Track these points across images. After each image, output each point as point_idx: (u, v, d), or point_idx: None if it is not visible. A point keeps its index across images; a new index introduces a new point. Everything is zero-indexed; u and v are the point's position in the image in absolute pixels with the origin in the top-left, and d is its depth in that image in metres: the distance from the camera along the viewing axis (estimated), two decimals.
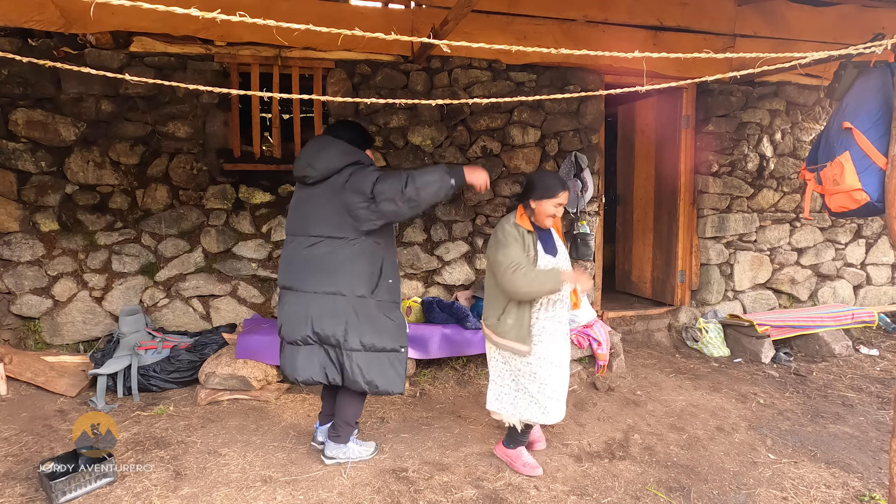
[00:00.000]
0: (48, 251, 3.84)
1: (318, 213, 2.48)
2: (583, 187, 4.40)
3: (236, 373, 3.39)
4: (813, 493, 2.49)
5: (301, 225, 2.53)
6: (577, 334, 3.91)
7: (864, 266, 5.52)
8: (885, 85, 2.15)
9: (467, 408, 3.39)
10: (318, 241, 2.46)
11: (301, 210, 2.54)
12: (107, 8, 1.43)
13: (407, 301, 4.05)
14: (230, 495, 2.39)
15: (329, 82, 4.12)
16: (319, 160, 2.46)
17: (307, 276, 2.46)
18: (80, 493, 2.35)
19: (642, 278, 5.53)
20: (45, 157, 3.76)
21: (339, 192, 2.42)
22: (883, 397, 3.63)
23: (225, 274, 4.11)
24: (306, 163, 2.48)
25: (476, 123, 4.37)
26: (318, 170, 2.45)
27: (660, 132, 5.19)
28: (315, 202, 2.49)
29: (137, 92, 3.83)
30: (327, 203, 2.45)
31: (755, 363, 4.34)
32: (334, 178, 2.44)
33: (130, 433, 2.95)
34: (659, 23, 4.40)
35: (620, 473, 2.64)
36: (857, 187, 2.17)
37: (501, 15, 4.07)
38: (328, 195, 2.45)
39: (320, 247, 2.45)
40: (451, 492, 2.45)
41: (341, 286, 2.43)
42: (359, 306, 2.45)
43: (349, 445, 2.67)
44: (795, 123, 5.09)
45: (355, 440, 2.73)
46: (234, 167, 4.04)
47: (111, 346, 3.59)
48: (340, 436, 2.63)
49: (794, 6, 4.53)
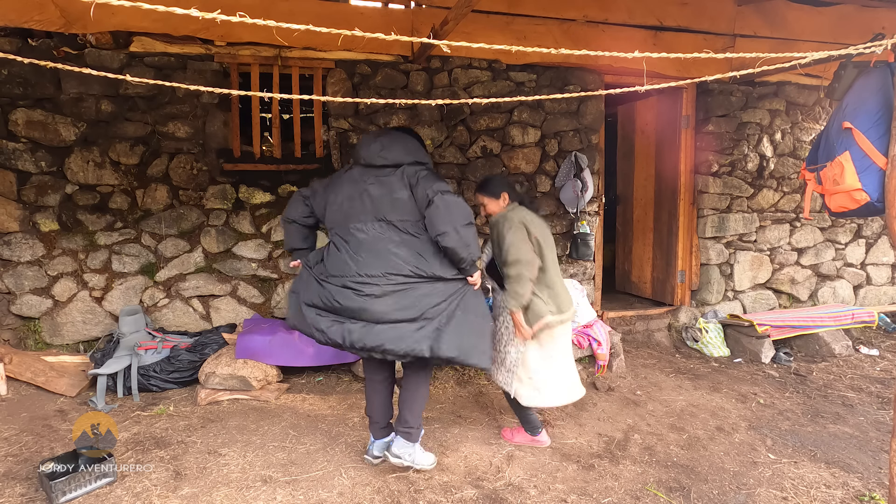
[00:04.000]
0: (48, 251, 3.84)
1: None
2: (583, 187, 4.39)
3: (236, 373, 3.39)
4: (813, 493, 2.49)
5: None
6: (577, 334, 3.91)
7: (864, 266, 5.52)
8: (885, 85, 2.15)
9: (467, 408, 3.39)
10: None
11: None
12: (107, 8, 1.43)
13: None
14: (230, 495, 2.39)
15: (329, 82, 4.12)
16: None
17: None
18: (80, 493, 2.35)
19: (642, 278, 5.53)
20: (45, 157, 3.76)
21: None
22: (883, 397, 3.63)
23: (225, 274, 4.11)
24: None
25: (476, 123, 4.37)
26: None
27: (660, 132, 5.20)
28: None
29: (137, 92, 3.83)
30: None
31: (755, 363, 4.34)
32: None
33: (130, 433, 2.95)
34: (659, 23, 4.40)
35: (620, 473, 2.64)
36: (857, 187, 2.17)
37: (501, 15, 4.07)
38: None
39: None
40: (451, 492, 2.45)
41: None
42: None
43: (416, 447, 2.57)
44: (795, 123, 5.09)
45: (420, 446, 2.62)
46: (234, 167, 4.04)
47: (111, 346, 3.60)
48: (412, 432, 2.54)
49: (794, 6, 4.53)
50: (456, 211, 2.36)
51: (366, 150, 2.52)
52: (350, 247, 2.45)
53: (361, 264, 2.40)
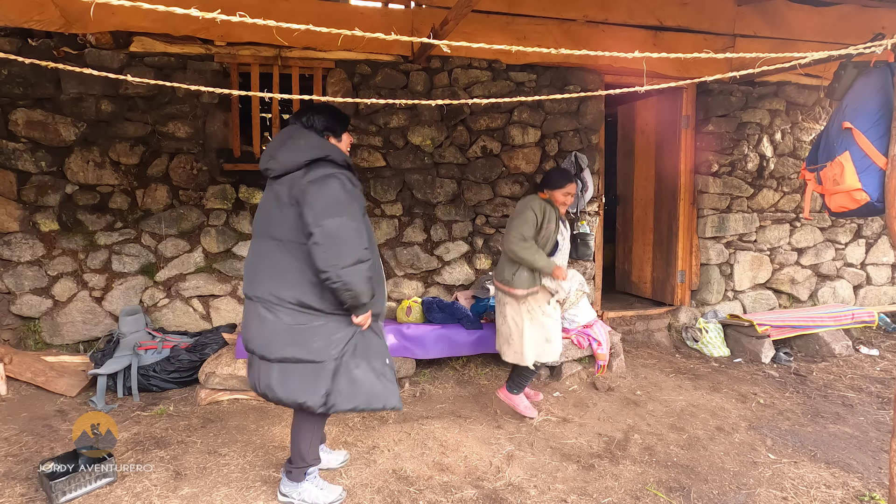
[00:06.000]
0: (48, 251, 3.84)
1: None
2: (583, 187, 4.39)
3: (236, 373, 3.39)
4: (813, 493, 2.49)
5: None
6: (577, 334, 3.91)
7: (864, 266, 5.52)
8: (885, 85, 2.14)
9: (467, 408, 3.39)
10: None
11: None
12: (107, 8, 1.43)
13: (407, 301, 4.05)
14: (230, 495, 2.39)
15: (329, 82, 4.12)
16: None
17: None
18: (80, 493, 2.35)
19: (642, 278, 5.53)
20: (45, 157, 3.76)
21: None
22: (883, 397, 3.63)
23: (225, 274, 4.11)
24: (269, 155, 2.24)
25: (476, 123, 4.37)
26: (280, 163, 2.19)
27: (660, 132, 5.20)
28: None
29: (137, 92, 3.83)
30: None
31: (755, 363, 4.34)
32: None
33: (130, 433, 2.95)
34: (659, 23, 4.40)
35: (620, 473, 2.64)
36: (857, 187, 2.17)
37: (501, 15, 4.07)
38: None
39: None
40: (451, 492, 2.45)
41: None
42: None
43: (304, 485, 2.32)
44: (795, 123, 5.09)
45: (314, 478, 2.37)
46: (234, 167, 4.04)
47: (111, 346, 3.59)
48: (293, 472, 2.33)
49: (794, 6, 4.53)
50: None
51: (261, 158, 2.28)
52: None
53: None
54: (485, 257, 4.50)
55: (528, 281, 3.07)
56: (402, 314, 3.98)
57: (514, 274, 3.07)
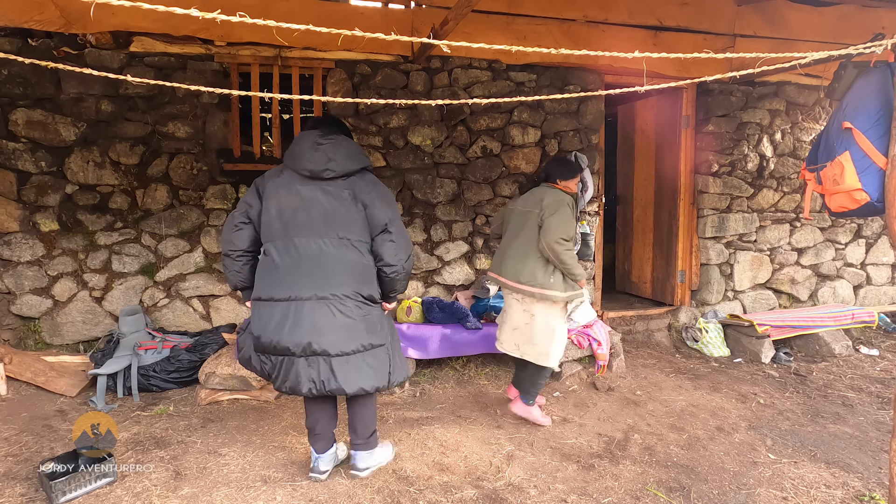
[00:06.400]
0: (48, 251, 3.84)
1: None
2: (583, 187, 4.40)
3: (236, 373, 3.39)
4: (813, 493, 2.49)
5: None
6: (577, 334, 3.91)
7: (864, 266, 5.52)
8: (885, 85, 2.14)
9: (467, 408, 3.39)
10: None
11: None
12: (107, 8, 1.43)
13: (407, 301, 4.05)
14: (230, 495, 2.39)
15: (329, 82, 4.12)
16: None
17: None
18: (80, 493, 2.35)
19: (642, 278, 5.53)
20: (45, 157, 3.76)
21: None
22: (883, 397, 3.63)
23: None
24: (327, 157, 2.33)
25: (476, 123, 4.37)
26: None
27: (660, 132, 5.20)
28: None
29: (137, 92, 3.83)
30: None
31: (755, 363, 4.34)
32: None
33: (130, 433, 2.95)
34: (659, 23, 4.40)
35: (620, 473, 2.64)
36: (857, 187, 2.17)
37: (501, 15, 4.07)
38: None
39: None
40: (451, 492, 2.45)
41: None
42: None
43: (377, 449, 2.60)
44: (795, 123, 5.09)
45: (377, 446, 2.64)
46: (234, 167, 4.04)
47: (111, 346, 3.59)
48: (370, 439, 2.55)
49: (794, 6, 4.53)
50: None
51: (307, 160, 2.32)
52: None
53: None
54: (485, 257, 4.50)
55: (562, 284, 2.98)
56: (402, 314, 3.98)
57: (552, 276, 2.96)
